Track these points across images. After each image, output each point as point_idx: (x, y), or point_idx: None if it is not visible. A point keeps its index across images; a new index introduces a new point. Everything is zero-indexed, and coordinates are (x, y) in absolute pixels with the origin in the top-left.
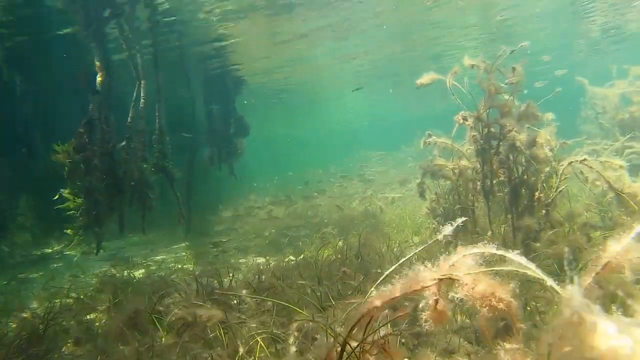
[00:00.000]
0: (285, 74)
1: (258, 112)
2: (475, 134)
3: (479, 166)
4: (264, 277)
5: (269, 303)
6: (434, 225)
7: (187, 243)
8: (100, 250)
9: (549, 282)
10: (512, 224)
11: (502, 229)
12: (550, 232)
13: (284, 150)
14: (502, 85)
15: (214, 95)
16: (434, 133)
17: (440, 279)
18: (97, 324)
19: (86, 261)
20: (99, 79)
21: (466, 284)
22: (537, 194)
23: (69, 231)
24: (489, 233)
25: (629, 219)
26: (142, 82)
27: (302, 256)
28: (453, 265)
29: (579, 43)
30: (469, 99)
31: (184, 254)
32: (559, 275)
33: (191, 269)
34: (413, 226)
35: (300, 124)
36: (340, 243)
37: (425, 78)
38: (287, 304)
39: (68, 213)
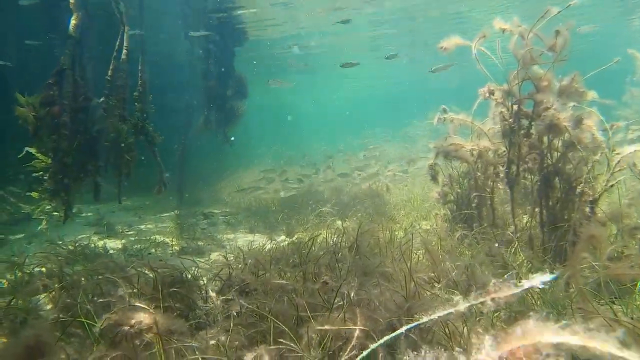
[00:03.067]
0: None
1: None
2: (503, 110)
3: (503, 149)
4: (241, 265)
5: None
6: (444, 212)
7: (177, 212)
8: (89, 213)
9: None
10: (541, 219)
11: (527, 223)
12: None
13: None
14: (542, 52)
15: (211, 50)
16: (449, 109)
17: None
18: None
19: (71, 224)
20: (73, 21)
21: None
22: (580, 186)
23: (34, 194)
24: (512, 228)
25: None
26: (126, 28)
27: (294, 237)
28: None
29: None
30: (498, 70)
31: (170, 224)
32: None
33: (172, 243)
34: (421, 209)
35: (306, 95)
36: (339, 223)
37: (449, 42)
38: (257, 310)
39: (34, 174)
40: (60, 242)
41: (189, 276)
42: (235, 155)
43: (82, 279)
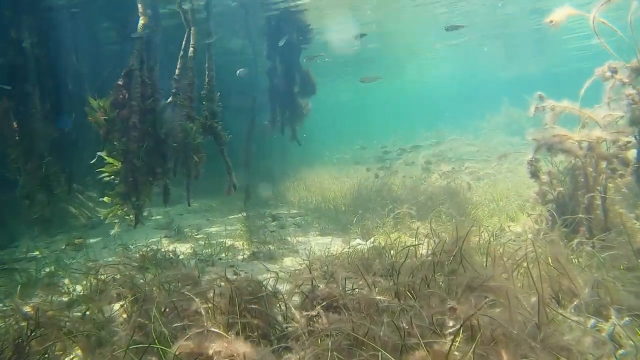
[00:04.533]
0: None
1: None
2: (631, 92)
3: (627, 139)
4: (318, 273)
5: (325, 321)
6: (538, 212)
7: (244, 214)
8: (159, 216)
9: None
10: None
11: None
12: None
13: (351, 120)
14: None
15: (276, 47)
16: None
17: None
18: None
19: (142, 228)
20: (140, 21)
21: None
22: None
23: (106, 199)
24: None
25: None
26: (192, 29)
27: (371, 239)
28: None
29: None
30: (618, 45)
31: (239, 226)
32: None
33: (243, 247)
34: (508, 209)
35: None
36: (418, 225)
37: (560, 14)
38: (352, 333)
39: (106, 178)
40: (133, 247)
41: (268, 288)
42: (301, 155)
43: (155, 289)
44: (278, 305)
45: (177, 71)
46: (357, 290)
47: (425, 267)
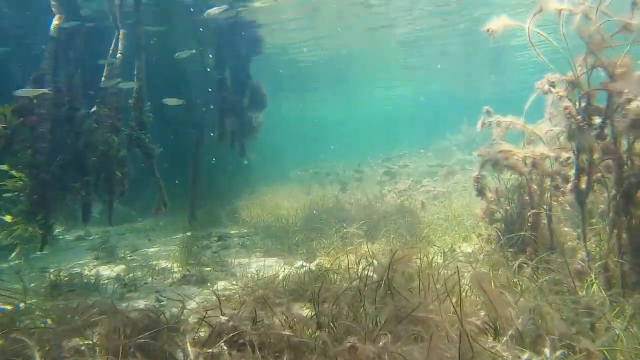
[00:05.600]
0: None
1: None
2: (568, 105)
3: (566, 155)
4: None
5: None
6: (488, 232)
7: (188, 234)
8: (96, 236)
9: None
10: (619, 245)
11: (599, 247)
12: None
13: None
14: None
15: (225, 58)
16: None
17: None
18: None
19: (76, 249)
20: (54, 21)
21: None
22: None
23: (7, 218)
24: (582, 254)
25: None
26: (122, 32)
27: (315, 262)
28: None
29: None
30: (557, 57)
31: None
32: None
33: (175, 269)
34: (461, 229)
35: (329, 107)
36: (367, 246)
37: (497, 23)
38: None
39: (6, 195)
40: (52, 270)
41: (170, 318)
42: (263, 172)
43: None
44: (181, 340)
45: (103, 78)
46: (271, 321)
47: (351, 295)
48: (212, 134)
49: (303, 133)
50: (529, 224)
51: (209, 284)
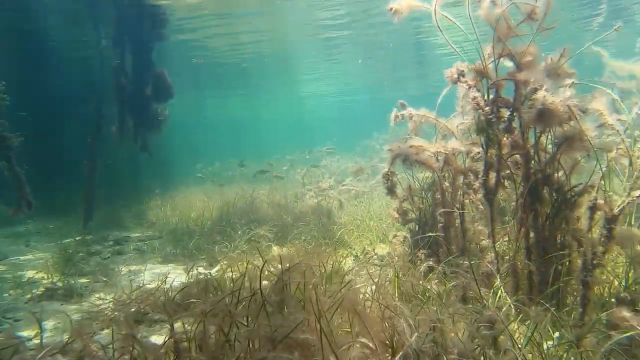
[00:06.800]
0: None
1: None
2: (476, 96)
3: (477, 150)
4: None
5: None
6: (403, 233)
7: (78, 238)
8: None
9: None
10: (527, 245)
11: (508, 246)
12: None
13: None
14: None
15: (123, 41)
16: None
17: None
18: None
19: None
20: None
21: None
22: (590, 200)
23: None
24: (491, 255)
25: None
26: None
27: (216, 268)
28: None
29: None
30: (472, 45)
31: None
32: None
33: (46, 281)
34: (379, 230)
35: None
36: (275, 250)
37: (402, 3)
38: None
39: None
40: None
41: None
42: (176, 171)
43: None
44: None
45: None
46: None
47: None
48: (113, 128)
49: (231, 132)
50: (440, 224)
51: (81, 298)
